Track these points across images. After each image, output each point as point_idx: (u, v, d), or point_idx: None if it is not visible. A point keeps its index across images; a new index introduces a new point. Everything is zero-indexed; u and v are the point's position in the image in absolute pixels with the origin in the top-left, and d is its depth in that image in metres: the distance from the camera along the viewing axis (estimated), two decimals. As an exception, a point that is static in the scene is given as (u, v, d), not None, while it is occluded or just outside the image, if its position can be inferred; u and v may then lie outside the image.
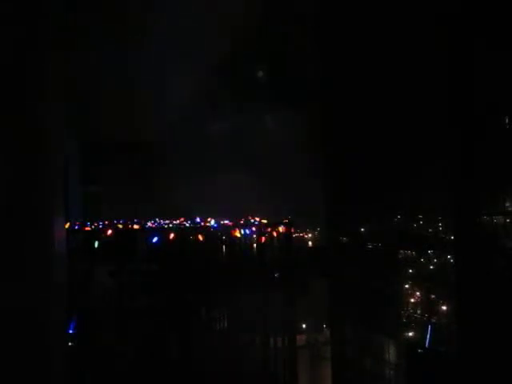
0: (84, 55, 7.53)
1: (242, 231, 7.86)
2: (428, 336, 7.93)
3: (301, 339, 9.36)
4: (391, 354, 8.69)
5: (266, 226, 8.03)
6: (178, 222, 7.98)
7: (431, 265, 8.32)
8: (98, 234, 7.42)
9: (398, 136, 8.26)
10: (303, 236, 10.79)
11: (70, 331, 6.76)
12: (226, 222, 8.00)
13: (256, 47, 9.63)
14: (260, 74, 10.42)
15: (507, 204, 6.94)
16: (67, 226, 6.86)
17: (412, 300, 8.58)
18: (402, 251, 8.81)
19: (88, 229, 7.51)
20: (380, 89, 8.45)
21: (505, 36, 6.45)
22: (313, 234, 10.93)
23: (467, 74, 6.97)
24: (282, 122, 9.86)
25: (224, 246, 7.95)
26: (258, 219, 8.09)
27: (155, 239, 7.50)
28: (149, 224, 7.90)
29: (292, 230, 8.30)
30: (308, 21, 9.21)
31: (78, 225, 7.60)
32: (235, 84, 10.10)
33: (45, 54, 2.61)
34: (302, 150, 9.50)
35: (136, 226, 7.72)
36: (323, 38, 9.36)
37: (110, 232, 7.39)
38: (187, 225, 7.92)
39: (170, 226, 7.81)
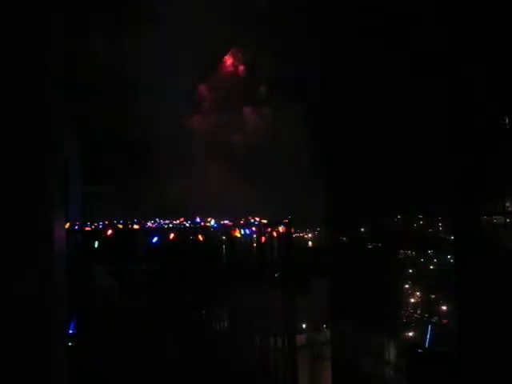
0: (84, 55, 7.54)
1: (242, 231, 7.86)
2: (428, 336, 7.93)
3: (301, 339, 9.36)
4: (391, 353, 8.69)
5: (266, 226, 8.03)
6: (178, 221, 7.98)
7: (431, 265, 8.33)
8: (98, 233, 7.42)
9: (398, 136, 8.27)
10: (303, 236, 10.79)
11: (70, 331, 6.76)
12: (226, 221, 8.00)
13: (254, 45, 9.64)
14: (260, 72, 10.42)
15: (507, 204, 6.94)
16: (67, 226, 6.87)
17: (412, 300, 8.58)
18: (402, 251, 8.82)
19: (88, 229, 7.51)
20: (381, 88, 8.45)
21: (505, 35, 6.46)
22: (313, 233, 10.93)
23: (467, 73, 6.97)
24: (282, 121, 9.85)
25: (224, 246, 7.95)
26: (258, 219, 8.09)
27: (155, 239, 7.50)
28: (149, 224, 7.89)
29: (292, 230, 8.30)
30: (308, 18, 9.20)
31: (77, 225, 7.59)
32: (235, 84, 10.11)
33: (45, 54, 2.61)
34: (302, 149, 9.50)
35: (136, 226, 7.72)
36: (323, 36, 9.36)
37: (110, 232, 7.38)
38: (187, 225, 7.92)
39: (170, 226, 7.81)
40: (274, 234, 7.99)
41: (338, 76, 9.44)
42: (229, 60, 9.89)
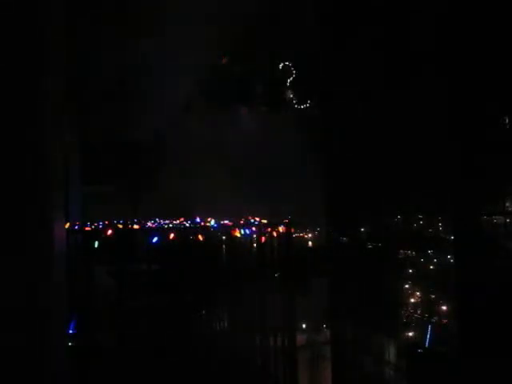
0: (84, 55, 7.54)
1: (242, 231, 7.85)
2: (428, 336, 7.93)
3: (301, 339, 9.36)
4: (391, 353, 8.68)
5: (266, 225, 8.02)
6: (178, 221, 7.98)
7: (431, 265, 8.32)
8: (98, 233, 7.41)
9: (398, 135, 8.27)
10: (303, 236, 10.79)
11: (70, 331, 6.76)
12: (226, 221, 8.00)
13: (255, 46, 9.64)
14: (260, 73, 10.43)
15: (507, 204, 6.94)
16: (67, 226, 6.86)
17: (412, 300, 8.58)
18: (402, 251, 8.81)
19: (88, 229, 7.50)
20: (380, 89, 8.45)
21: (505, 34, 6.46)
22: (313, 233, 10.93)
23: (467, 73, 6.97)
24: (282, 121, 9.87)
25: (224, 246, 7.94)
26: (258, 219, 8.09)
27: (155, 239, 7.50)
28: (149, 224, 7.89)
29: (292, 230, 8.29)
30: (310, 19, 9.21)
31: (77, 225, 7.59)
32: (235, 83, 10.11)
33: (45, 53, 2.61)
34: (302, 149, 9.51)
35: (136, 226, 7.71)
36: (325, 38, 9.37)
37: (110, 232, 7.38)
38: (187, 225, 7.92)
39: (170, 226, 7.80)
40: (274, 234, 7.99)
41: (339, 77, 9.44)
42: (228, 59, 9.88)
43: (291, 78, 10.25)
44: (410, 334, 8.43)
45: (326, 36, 9.29)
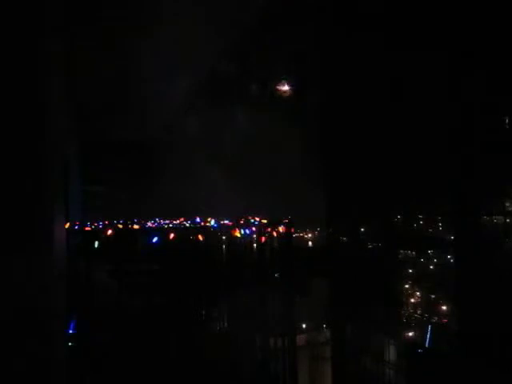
0: (84, 55, 7.54)
1: (242, 231, 7.86)
2: (428, 336, 7.93)
3: (301, 339, 9.35)
4: (391, 353, 8.69)
5: (266, 225, 8.02)
6: (178, 221, 7.98)
7: (431, 265, 8.33)
8: (97, 233, 7.41)
9: (398, 135, 8.27)
10: (303, 236, 10.79)
11: (70, 331, 6.76)
12: (226, 222, 8.00)
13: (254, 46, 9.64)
14: (258, 73, 10.43)
15: (507, 204, 6.94)
16: (67, 226, 6.87)
17: (412, 300, 8.59)
18: (401, 251, 8.82)
19: (88, 229, 7.51)
20: (380, 88, 8.45)
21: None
22: (313, 234, 10.93)
23: (467, 73, 6.98)
24: (283, 121, 9.86)
25: (224, 246, 7.95)
26: (258, 219, 8.09)
27: (155, 239, 7.50)
28: (149, 224, 7.89)
29: (292, 230, 8.29)
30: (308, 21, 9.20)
31: (78, 225, 7.59)
32: (234, 84, 10.11)
33: (45, 54, 2.61)
34: (302, 149, 9.50)
35: (136, 226, 7.72)
36: (324, 37, 9.36)
37: (110, 232, 7.38)
38: (187, 225, 7.92)
39: (170, 226, 7.81)
40: (274, 234, 7.99)
41: (337, 77, 9.44)
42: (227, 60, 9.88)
43: (291, 78, 10.25)
44: (410, 334, 8.44)
45: (326, 36, 9.29)
